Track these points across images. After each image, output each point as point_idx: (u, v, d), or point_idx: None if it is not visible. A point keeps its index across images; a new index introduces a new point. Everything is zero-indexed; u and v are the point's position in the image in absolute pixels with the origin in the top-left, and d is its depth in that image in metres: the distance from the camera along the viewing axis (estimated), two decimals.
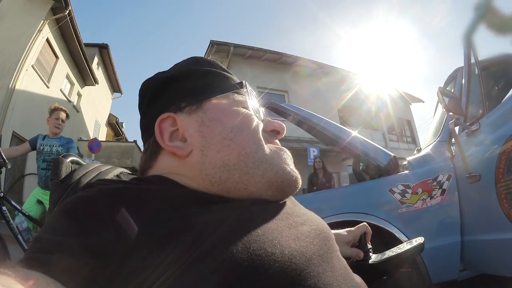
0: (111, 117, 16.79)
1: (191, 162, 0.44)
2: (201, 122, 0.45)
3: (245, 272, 0.30)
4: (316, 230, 0.42)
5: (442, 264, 1.58)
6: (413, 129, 14.48)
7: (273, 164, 0.44)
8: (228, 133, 0.44)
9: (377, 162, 1.77)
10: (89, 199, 0.37)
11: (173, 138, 0.46)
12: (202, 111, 0.46)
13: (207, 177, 0.43)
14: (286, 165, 0.45)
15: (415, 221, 1.62)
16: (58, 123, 2.73)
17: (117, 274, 0.31)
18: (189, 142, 0.45)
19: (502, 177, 1.35)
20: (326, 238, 0.43)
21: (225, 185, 0.42)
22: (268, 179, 0.43)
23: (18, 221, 2.38)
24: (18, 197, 6.89)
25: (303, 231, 0.40)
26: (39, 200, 2.65)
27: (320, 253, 0.38)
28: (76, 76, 11.06)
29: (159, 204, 0.38)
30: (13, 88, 7.16)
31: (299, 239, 0.38)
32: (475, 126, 1.57)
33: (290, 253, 0.34)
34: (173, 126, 0.46)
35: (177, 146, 0.45)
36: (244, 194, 0.43)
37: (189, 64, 0.51)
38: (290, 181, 0.45)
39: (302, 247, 0.36)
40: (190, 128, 0.45)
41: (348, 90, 11.03)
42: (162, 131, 0.46)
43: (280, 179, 0.44)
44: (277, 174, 0.43)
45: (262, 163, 0.43)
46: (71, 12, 8.44)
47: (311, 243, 0.38)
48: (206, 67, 0.50)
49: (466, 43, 1.72)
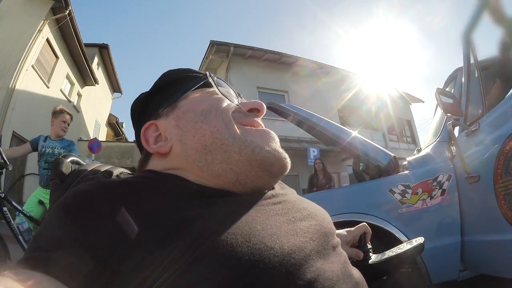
0: (111, 117, 16.79)
1: (175, 154, 0.47)
2: (177, 117, 0.49)
3: (246, 266, 0.31)
4: (315, 226, 0.43)
5: (442, 264, 1.58)
6: (413, 129, 14.47)
7: (248, 141, 0.45)
8: (199, 116, 0.47)
9: (377, 162, 1.77)
10: (88, 193, 0.37)
11: (157, 141, 0.49)
12: (177, 109, 0.50)
13: (195, 162, 0.45)
14: (264, 144, 0.46)
15: (415, 221, 1.62)
16: (65, 126, 2.74)
17: (118, 273, 0.31)
18: (168, 139, 0.48)
19: (500, 178, 1.35)
20: (325, 234, 0.43)
21: (212, 167, 0.44)
22: (246, 157, 0.44)
23: (19, 221, 2.38)
24: (18, 197, 6.90)
25: (302, 226, 0.41)
26: (40, 200, 2.65)
27: (319, 249, 0.38)
28: (76, 76, 11.06)
29: (158, 196, 0.39)
30: (13, 88, 7.15)
31: (298, 234, 0.38)
32: (474, 126, 1.57)
33: (289, 248, 0.34)
34: (156, 132, 0.50)
35: (160, 145, 0.48)
36: (232, 178, 0.44)
37: (163, 77, 0.56)
38: (272, 160, 0.45)
39: (301, 242, 0.37)
40: (169, 127, 0.49)
41: (348, 90, 11.03)
42: (147, 138, 0.50)
43: (259, 157, 0.44)
44: (254, 151, 0.44)
45: (236, 140, 0.44)
46: (71, 12, 8.43)
47: (310, 239, 0.39)
48: (175, 76, 0.55)
49: (465, 43, 1.72)
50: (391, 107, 12.47)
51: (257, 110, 0.52)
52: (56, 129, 2.71)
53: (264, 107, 0.52)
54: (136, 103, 0.56)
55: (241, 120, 0.48)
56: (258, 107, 0.52)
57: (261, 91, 10.63)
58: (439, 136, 1.87)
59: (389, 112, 12.46)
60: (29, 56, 7.58)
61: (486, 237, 1.46)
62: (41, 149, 2.67)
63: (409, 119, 14.55)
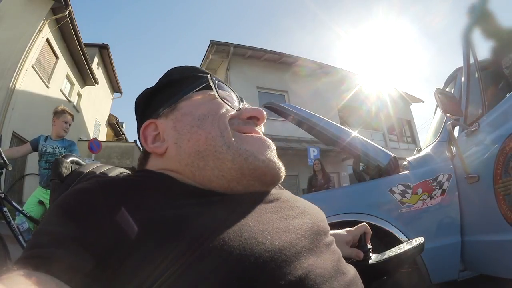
0: (111, 117, 16.79)
1: (169, 156, 0.47)
2: (175, 119, 0.49)
3: (236, 260, 0.31)
4: (308, 224, 0.43)
5: (442, 265, 1.58)
6: (413, 129, 14.47)
7: (242, 149, 0.44)
8: (196, 121, 0.47)
9: (377, 163, 1.78)
10: (87, 191, 0.38)
11: (156, 141, 0.50)
12: (177, 110, 0.49)
13: (187, 167, 0.45)
14: (259, 153, 0.45)
15: (415, 221, 1.62)
16: (66, 126, 2.74)
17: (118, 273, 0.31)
18: (165, 140, 0.48)
19: (499, 178, 1.35)
20: (317, 232, 0.43)
21: (204, 173, 0.44)
22: (239, 165, 0.43)
23: (19, 221, 2.37)
24: (18, 197, 6.90)
25: (295, 224, 0.41)
26: (40, 200, 2.64)
27: (311, 246, 0.39)
28: (76, 76, 11.06)
29: (156, 195, 0.39)
30: (13, 88, 7.15)
31: (290, 231, 0.38)
32: (474, 126, 1.57)
33: (280, 244, 0.34)
34: (155, 131, 0.50)
35: (157, 146, 0.49)
36: (224, 184, 0.44)
37: (167, 75, 0.56)
38: (265, 170, 0.44)
39: (293, 239, 0.37)
40: (167, 128, 0.49)
41: (348, 90, 11.03)
42: (145, 136, 0.51)
43: (252, 167, 0.43)
44: (248, 160, 0.43)
45: (230, 147, 0.44)
46: (71, 12, 8.43)
47: (302, 236, 0.39)
48: (179, 75, 0.55)
49: (465, 43, 1.72)
50: (391, 107, 12.47)
51: (256, 119, 0.51)
52: (57, 129, 2.71)
53: (265, 116, 0.51)
54: (140, 98, 0.56)
55: (238, 127, 0.48)
56: (258, 116, 0.51)
57: (261, 91, 10.64)
58: (439, 136, 1.87)
59: (389, 112, 12.46)
60: (29, 56, 7.58)
61: (486, 237, 1.46)
62: (41, 149, 2.67)
63: (409, 119, 14.55)
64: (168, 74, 0.56)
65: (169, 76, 0.55)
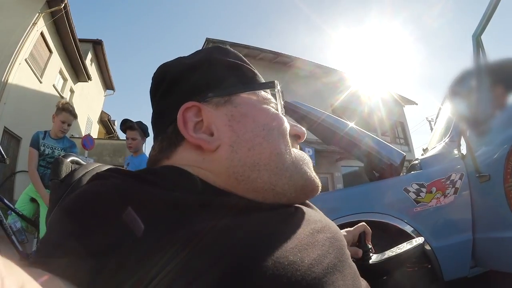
0: (103, 114, 16.54)
1: (218, 157, 0.41)
2: (231, 116, 0.43)
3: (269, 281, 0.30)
4: (331, 239, 0.42)
5: (455, 262, 1.61)
6: (406, 131, 14.70)
7: (299, 167, 0.44)
8: (261, 131, 0.42)
9: (390, 161, 1.79)
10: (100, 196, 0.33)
11: (196, 130, 0.43)
12: (232, 105, 0.43)
13: (234, 174, 0.41)
14: (309, 170, 0.45)
15: (430, 219, 1.64)
16: (63, 127, 2.56)
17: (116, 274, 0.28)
18: (216, 136, 0.42)
19: (510, 177, 1.40)
20: (340, 247, 0.42)
21: (252, 184, 0.41)
22: (294, 181, 0.42)
23: (11, 221, 2.29)
24: (9, 195, 6.71)
25: (320, 239, 0.39)
26: (32, 198, 2.54)
27: (335, 262, 0.38)
28: (69, 71, 10.86)
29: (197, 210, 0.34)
30: (6, 82, 6.96)
31: (316, 247, 0.37)
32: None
33: (309, 262, 0.33)
34: (197, 117, 0.43)
35: (203, 139, 0.42)
36: (270, 196, 0.41)
37: (216, 53, 0.48)
38: (313, 186, 0.45)
39: (320, 256, 0.36)
40: (218, 122, 0.42)
41: (342, 91, 11.14)
42: (186, 120, 0.42)
43: (305, 183, 0.44)
44: (303, 177, 0.43)
45: (290, 166, 0.42)
46: (66, 6, 8.28)
47: (327, 252, 0.38)
48: (235, 59, 0.48)
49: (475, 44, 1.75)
50: (385, 110, 12.63)
51: (298, 137, 0.49)
52: (55, 128, 2.57)
53: (305, 136, 0.50)
54: (172, 68, 0.48)
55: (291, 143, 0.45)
56: (301, 136, 0.49)
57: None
58: (449, 135, 1.90)
59: (382, 114, 12.62)
60: (23, 49, 7.40)
61: (496, 234, 1.50)
62: (40, 148, 2.54)
63: (402, 121, 14.77)
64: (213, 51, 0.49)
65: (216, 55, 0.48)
